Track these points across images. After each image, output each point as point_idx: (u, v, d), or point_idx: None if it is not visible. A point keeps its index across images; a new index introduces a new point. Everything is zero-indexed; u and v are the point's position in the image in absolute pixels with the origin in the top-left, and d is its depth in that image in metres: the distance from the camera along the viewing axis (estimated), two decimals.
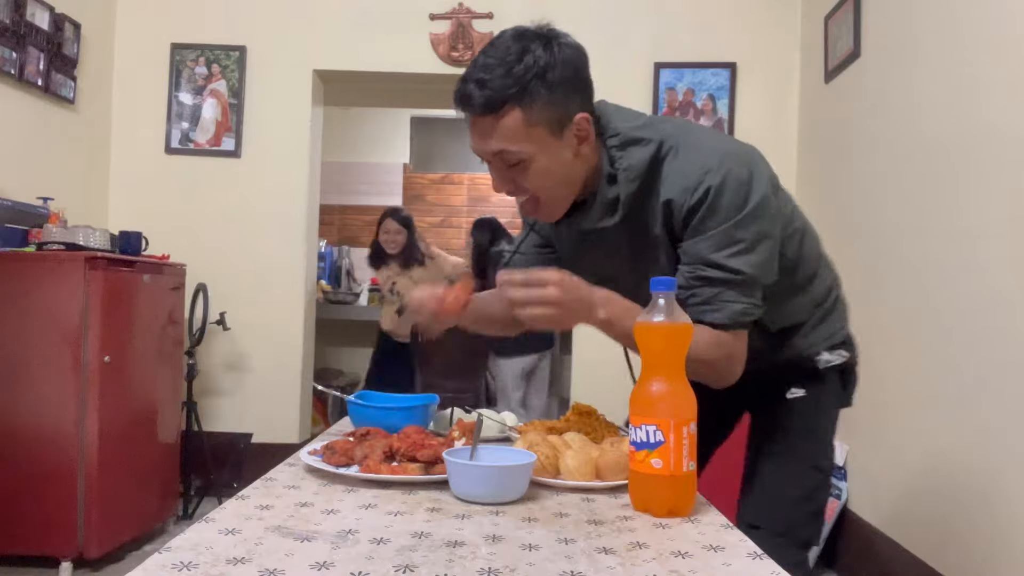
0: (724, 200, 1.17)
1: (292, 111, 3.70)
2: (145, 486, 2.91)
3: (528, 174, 1.21)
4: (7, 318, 2.57)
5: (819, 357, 1.37)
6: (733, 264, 1.18)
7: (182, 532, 0.85)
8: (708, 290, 1.19)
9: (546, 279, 1.12)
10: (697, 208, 1.18)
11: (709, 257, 1.18)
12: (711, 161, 1.19)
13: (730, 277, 1.18)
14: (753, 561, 0.83)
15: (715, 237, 1.18)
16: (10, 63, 2.89)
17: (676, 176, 1.21)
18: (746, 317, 1.20)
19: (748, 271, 1.18)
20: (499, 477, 1.03)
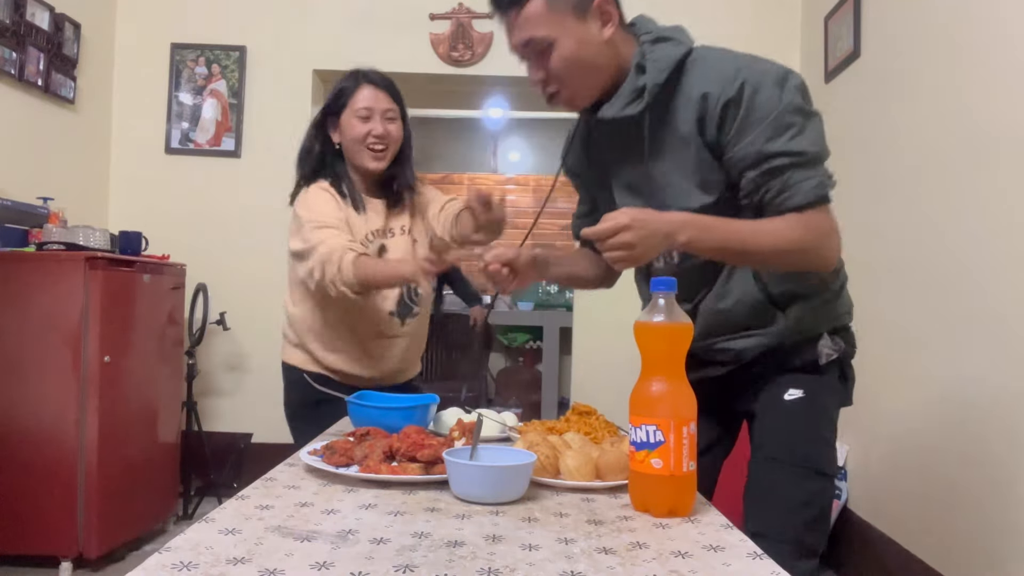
0: (763, 95, 1.22)
1: (292, 111, 3.70)
2: (145, 486, 2.91)
3: (554, 58, 1.28)
4: (7, 318, 2.57)
5: (821, 342, 1.36)
6: (793, 147, 1.21)
7: (182, 532, 0.85)
8: (778, 180, 1.23)
9: (618, 225, 1.17)
10: (737, 102, 1.22)
11: (768, 149, 1.22)
12: (742, 61, 1.25)
13: (795, 160, 1.21)
14: (753, 561, 0.83)
15: (765, 130, 1.22)
16: (10, 63, 2.89)
17: (709, 71, 1.25)
18: (823, 189, 1.24)
19: (810, 149, 1.22)
20: (499, 477, 1.03)
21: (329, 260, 1.68)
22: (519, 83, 3.89)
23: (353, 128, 1.81)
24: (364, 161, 1.82)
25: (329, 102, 1.86)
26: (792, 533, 1.29)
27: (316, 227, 1.74)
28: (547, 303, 4.85)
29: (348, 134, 1.83)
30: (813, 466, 1.32)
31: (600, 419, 1.42)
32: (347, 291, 1.68)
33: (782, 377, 1.38)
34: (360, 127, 1.81)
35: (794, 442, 1.34)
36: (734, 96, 1.22)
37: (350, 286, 1.67)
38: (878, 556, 2.56)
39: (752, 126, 1.22)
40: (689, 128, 1.27)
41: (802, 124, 1.23)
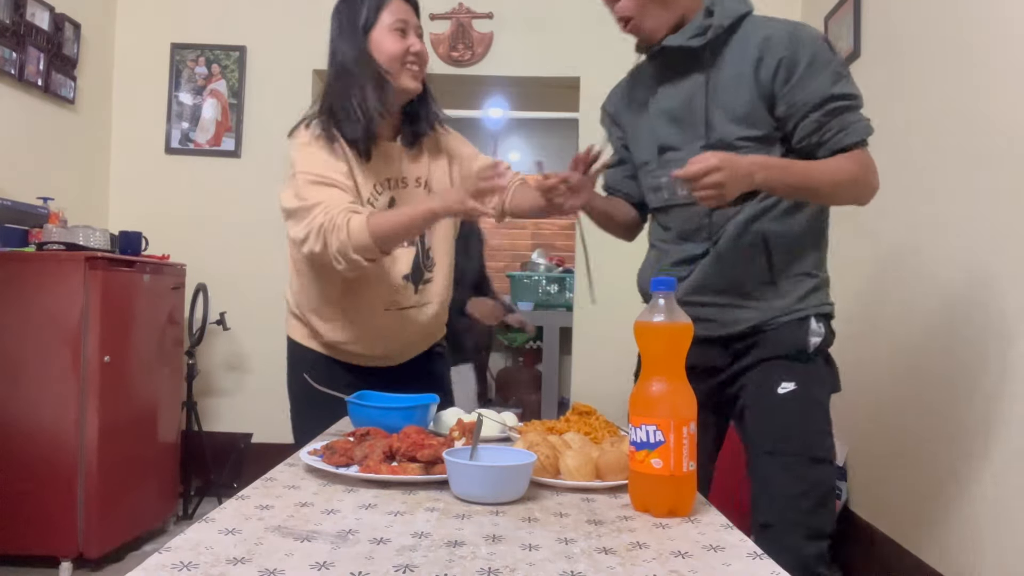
0: (820, 49, 1.42)
1: (292, 111, 3.67)
2: (145, 486, 2.91)
3: None
4: (7, 318, 2.57)
5: (811, 326, 1.46)
6: (850, 90, 1.41)
7: (182, 532, 0.85)
8: (838, 120, 1.40)
9: (709, 166, 1.29)
10: (794, 56, 1.40)
11: (831, 91, 1.40)
12: (793, 24, 1.46)
13: (851, 103, 1.41)
14: (753, 561, 0.83)
15: (829, 76, 1.40)
16: (10, 63, 2.89)
17: (768, 26, 1.44)
18: (870, 131, 1.43)
19: (858, 92, 1.43)
20: (499, 477, 1.03)
21: (332, 229, 1.45)
22: (519, 83, 3.89)
23: (391, 43, 1.57)
24: (403, 80, 1.58)
25: (362, 19, 1.58)
26: (797, 519, 1.37)
27: (312, 182, 1.52)
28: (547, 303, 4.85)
29: (384, 52, 1.57)
30: (810, 455, 1.40)
31: (600, 419, 1.42)
32: (360, 259, 1.46)
33: (772, 367, 1.45)
34: (398, 43, 1.57)
35: (790, 435, 1.41)
36: (792, 49, 1.40)
37: (365, 251, 1.45)
38: (878, 556, 2.56)
39: (816, 73, 1.40)
40: (745, 68, 1.44)
41: (849, 75, 1.44)
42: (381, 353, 1.73)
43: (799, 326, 1.45)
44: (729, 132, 1.45)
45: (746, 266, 1.47)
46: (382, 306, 1.66)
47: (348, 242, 1.45)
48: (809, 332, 1.45)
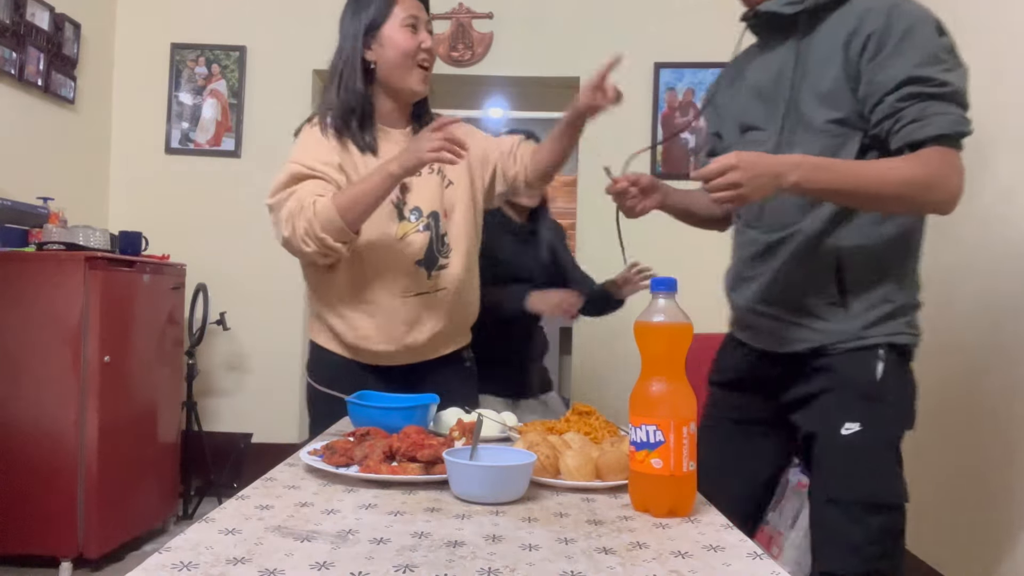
0: (920, 28, 1.23)
1: (292, 111, 3.69)
2: (145, 486, 2.91)
3: None
4: (7, 318, 2.57)
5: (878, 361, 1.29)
6: (941, 76, 1.20)
7: (182, 532, 0.85)
8: (916, 108, 1.21)
9: (726, 165, 1.19)
10: (888, 28, 1.23)
11: (914, 73, 1.21)
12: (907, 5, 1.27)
13: (937, 90, 1.20)
14: (753, 561, 0.83)
15: (915, 56, 1.21)
16: (10, 63, 2.89)
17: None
18: (958, 127, 1.21)
19: (956, 83, 1.20)
20: (499, 477, 1.02)
21: (299, 211, 1.46)
22: (519, 83, 3.89)
23: (403, 39, 1.55)
24: (411, 82, 1.59)
25: (369, 16, 1.58)
26: (864, 568, 1.27)
27: (293, 172, 1.53)
28: None
29: (397, 47, 1.56)
30: (875, 501, 1.28)
31: (600, 419, 1.42)
32: (328, 237, 1.44)
33: (836, 401, 1.32)
34: (411, 39, 1.55)
35: (853, 482, 1.29)
36: (886, 23, 1.24)
37: (331, 226, 1.44)
38: None
39: (905, 51, 1.22)
40: (837, 43, 1.28)
41: (953, 64, 1.23)
42: (405, 345, 1.65)
43: (867, 356, 1.30)
44: (813, 112, 1.31)
45: (812, 281, 1.34)
46: (399, 292, 1.62)
47: (314, 220, 1.45)
48: (875, 362, 1.30)
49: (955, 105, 1.22)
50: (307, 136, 1.60)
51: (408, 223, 1.62)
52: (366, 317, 1.63)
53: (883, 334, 1.31)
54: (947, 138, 1.21)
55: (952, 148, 1.22)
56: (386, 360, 1.68)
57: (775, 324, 1.40)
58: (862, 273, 1.31)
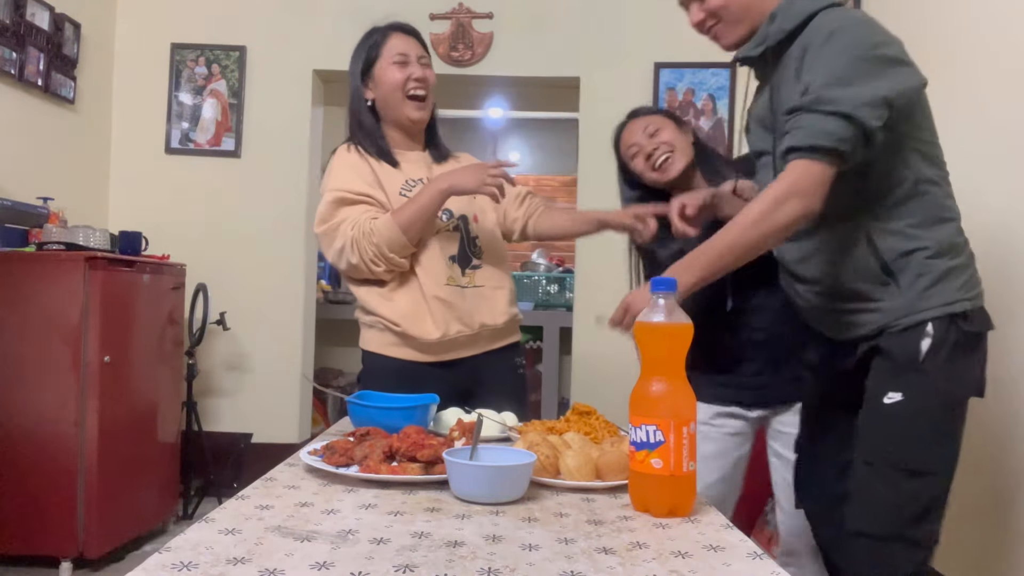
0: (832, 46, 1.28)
1: (292, 111, 3.70)
2: (145, 486, 2.91)
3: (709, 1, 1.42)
4: (7, 318, 2.57)
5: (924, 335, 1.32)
6: (826, 92, 1.24)
7: (182, 532, 0.85)
8: (792, 120, 1.28)
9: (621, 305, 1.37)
10: (814, 43, 1.30)
11: (810, 88, 1.27)
12: (847, 19, 1.31)
13: (812, 103, 1.25)
14: (753, 561, 0.83)
15: (821, 71, 1.27)
16: (10, 63, 2.89)
17: (828, 15, 1.33)
18: (821, 138, 1.23)
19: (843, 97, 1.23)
20: (499, 477, 1.03)
21: (362, 236, 1.61)
22: (519, 83, 3.90)
23: (391, 75, 1.69)
24: (406, 111, 1.71)
25: (364, 57, 1.74)
26: (892, 531, 1.32)
27: (335, 200, 1.66)
28: (547, 303, 4.84)
29: (386, 82, 1.70)
30: (910, 467, 1.32)
31: (600, 419, 1.42)
32: (396, 256, 1.61)
33: (883, 373, 1.36)
34: (398, 73, 1.69)
35: (890, 446, 1.33)
36: (809, 42, 1.30)
37: (396, 243, 1.59)
38: None
39: (812, 69, 1.29)
40: (791, 71, 1.35)
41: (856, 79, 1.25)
42: (456, 330, 1.69)
43: (916, 332, 1.33)
44: None
45: (859, 266, 1.38)
46: (443, 279, 1.70)
47: (381, 243, 1.60)
48: (922, 337, 1.32)
49: (833, 118, 1.24)
50: (341, 162, 1.73)
51: (439, 222, 1.72)
52: (416, 302, 1.69)
53: (936, 304, 1.33)
54: (799, 150, 1.26)
55: (807, 159, 1.26)
56: (443, 351, 1.71)
57: (836, 315, 1.45)
58: (899, 247, 1.34)
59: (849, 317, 1.42)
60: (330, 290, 5.00)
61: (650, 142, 1.75)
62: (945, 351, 1.32)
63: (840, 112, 1.23)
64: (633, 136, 1.77)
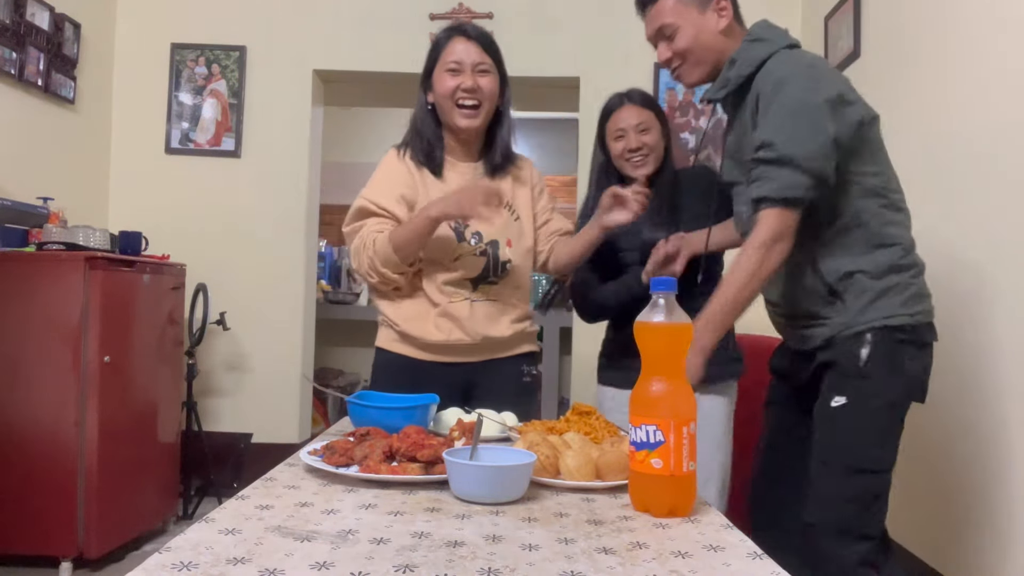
0: (783, 95, 1.43)
1: (292, 111, 3.70)
2: (145, 486, 2.91)
3: (677, 40, 1.57)
4: (7, 318, 2.57)
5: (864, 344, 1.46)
6: (782, 144, 1.40)
7: (182, 532, 0.85)
8: (757, 170, 1.44)
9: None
10: (766, 90, 1.45)
11: (765, 138, 1.43)
12: (794, 64, 1.47)
13: (774, 155, 1.41)
14: (753, 561, 0.83)
15: (774, 120, 1.43)
16: (10, 63, 2.89)
17: (776, 61, 1.48)
18: (783, 192, 1.41)
19: (795, 150, 1.39)
20: (499, 477, 1.03)
21: (362, 248, 1.69)
22: (519, 83, 3.87)
23: (443, 83, 1.72)
24: (455, 119, 1.73)
25: (426, 61, 1.78)
26: (839, 523, 1.46)
27: (360, 211, 1.74)
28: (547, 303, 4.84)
29: (439, 90, 1.73)
30: (856, 466, 1.46)
31: (600, 419, 1.42)
32: (388, 271, 1.67)
33: (830, 378, 1.51)
34: (449, 81, 1.71)
35: (837, 446, 1.48)
36: (764, 88, 1.46)
37: (390, 262, 1.65)
38: None
39: (766, 116, 1.44)
40: (748, 112, 1.50)
41: (805, 128, 1.41)
42: (457, 337, 1.74)
43: (855, 341, 1.48)
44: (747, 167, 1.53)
45: (806, 292, 1.54)
46: (453, 298, 1.75)
47: (375, 257, 1.67)
48: (862, 345, 1.47)
49: (793, 170, 1.40)
50: (385, 166, 1.79)
51: (466, 246, 1.75)
52: (424, 311, 1.76)
53: (876, 317, 1.48)
54: (774, 200, 1.42)
55: (781, 208, 1.42)
56: (436, 351, 1.76)
57: (790, 330, 1.65)
58: (841, 269, 1.50)
59: (805, 331, 1.58)
60: (330, 290, 5.01)
61: (637, 138, 1.92)
62: (884, 358, 1.46)
63: (802, 168, 1.40)
64: (625, 122, 1.94)
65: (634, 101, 1.97)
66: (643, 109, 1.96)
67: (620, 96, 2.00)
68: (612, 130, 1.97)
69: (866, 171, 1.51)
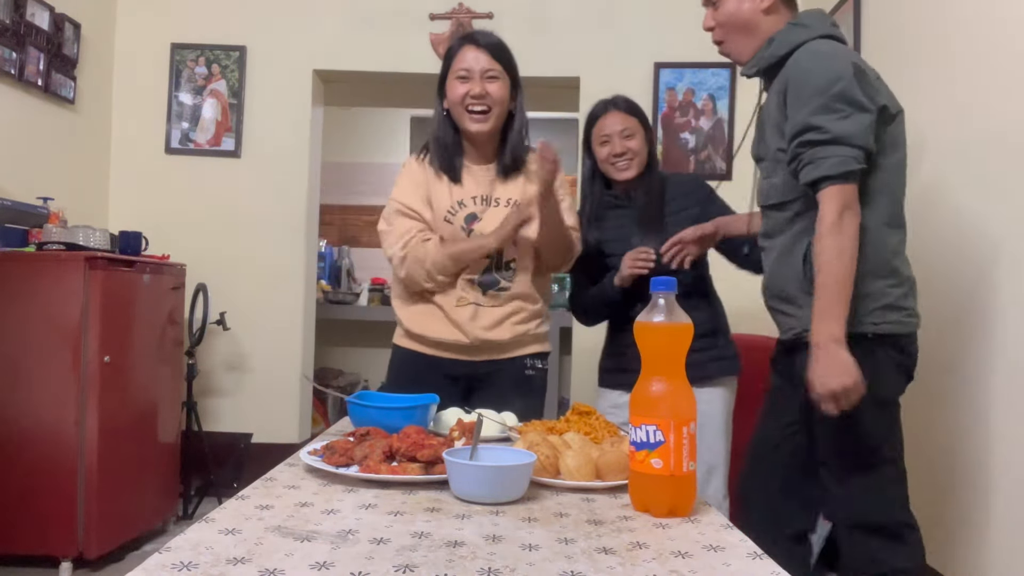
0: (815, 77, 1.48)
1: (292, 111, 3.70)
2: (145, 486, 2.91)
3: (720, 9, 1.65)
4: (7, 318, 2.57)
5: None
6: (829, 125, 1.44)
7: (182, 532, 0.85)
8: (808, 152, 1.47)
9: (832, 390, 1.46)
10: (797, 80, 1.50)
11: (809, 121, 1.46)
12: (827, 54, 1.51)
13: (824, 137, 1.45)
14: (753, 561, 0.83)
15: (814, 103, 1.46)
16: (10, 63, 2.89)
17: (805, 51, 1.53)
18: (842, 167, 1.44)
19: (843, 129, 1.44)
20: (499, 477, 1.03)
21: (412, 262, 1.78)
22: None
23: (454, 90, 1.80)
24: (465, 123, 1.81)
25: (441, 69, 1.87)
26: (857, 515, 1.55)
27: (395, 213, 1.83)
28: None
29: (450, 97, 1.82)
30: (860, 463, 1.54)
31: (600, 419, 1.42)
32: (442, 277, 1.78)
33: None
34: (459, 88, 1.79)
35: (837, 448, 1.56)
36: (796, 75, 1.51)
37: (446, 271, 1.77)
38: None
39: (805, 102, 1.47)
40: (777, 91, 1.55)
41: (847, 111, 1.45)
42: (468, 341, 1.82)
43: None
44: (771, 141, 1.60)
45: (792, 271, 1.57)
46: (455, 300, 1.82)
47: (433, 269, 1.77)
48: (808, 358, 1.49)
49: (843, 147, 1.45)
50: (406, 171, 1.88)
51: None
52: (431, 312, 1.85)
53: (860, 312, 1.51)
54: (833, 178, 1.45)
55: (841, 184, 1.45)
56: (437, 348, 1.85)
57: (775, 315, 1.68)
58: None
59: (779, 317, 1.66)
60: (330, 290, 5.01)
61: (621, 144, 2.00)
62: (859, 366, 1.44)
63: (852, 144, 1.45)
64: (610, 128, 2.01)
65: (619, 108, 2.04)
66: (627, 116, 2.03)
67: (605, 103, 2.06)
68: (597, 136, 2.04)
69: (884, 164, 1.53)
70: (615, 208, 2.10)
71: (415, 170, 1.87)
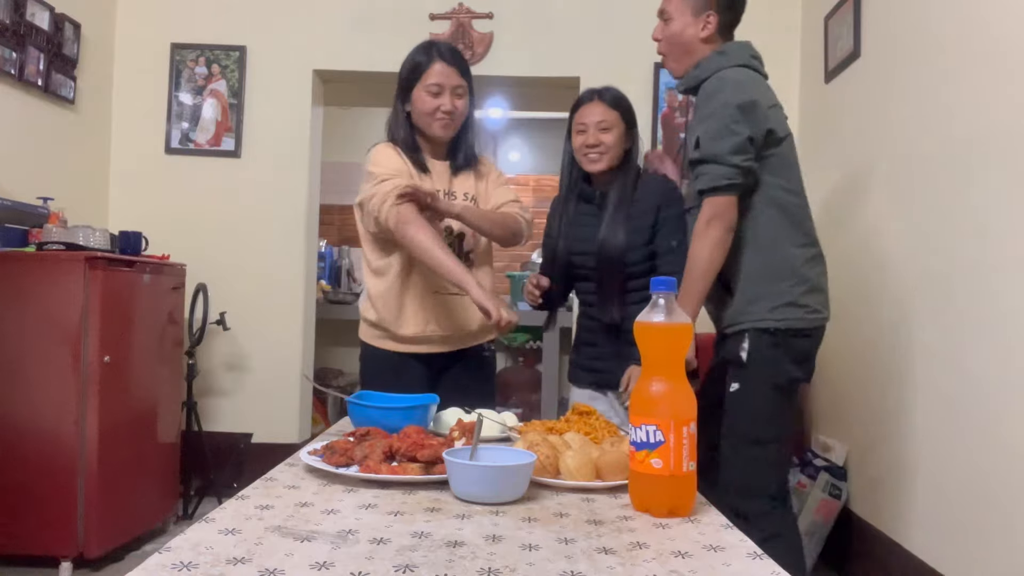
0: (714, 105, 1.77)
1: (292, 111, 3.70)
2: (145, 486, 2.91)
3: (668, 27, 1.93)
4: (7, 318, 2.57)
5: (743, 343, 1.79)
6: (709, 145, 1.75)
7: (182, 532, 0.85)
8: (696, 168, 1.79)
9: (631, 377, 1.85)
10: (700, 103, 1.82)
11: (698, 140, 1.78)
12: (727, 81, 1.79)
13: (701, 155, 1.77)
14: (753, 561, 0.83)
15: (706, 126, 1.77)
16: (10, 63, 2.89)
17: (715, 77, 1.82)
18: (713, 183, 1.75)
19: (718, 149, 1.74)
20: (499, 477, 1.03)
21: (380, 205, 1.80)
22: (519, 83, 3.89)
23: (424, 102, 1.89)
24: (434, 130, 1.91)
25: (404, 76, 1.93)
26: (740, 482, 1.80)
27: (383, 179, 1.85)
28: None
29: (419, 107, 1.90)
30: (752, 438, 1.81)
31: (600, 419, 1.42)
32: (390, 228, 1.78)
33: (727, 369, 1.84)
34: (430, 102, 1.88)
35: (734, 424, 1.83)
36: (701, 97, 1.82)
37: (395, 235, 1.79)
38: (878, 556, 2.56)
39: (701, 122, 1.80)
40: (695, 111, 1.84)
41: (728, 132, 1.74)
42: (440, 333, 1.94)
43: (738, 338, 1.81)
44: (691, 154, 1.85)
45: (731, 264, 1.81)
46: (431, 289, 1.93)
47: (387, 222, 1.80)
48: (742, 342, 1.80)
49: (715, 165, 1.75)
50: (382, 151, 1.94)
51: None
52: (403, 306, 1.93)
53: (748, 320, 1.81)
54: (704, 192, 1.77)
55: (711, 196, 1.76)
56: (425, 345, 1.95)
57: (710, 303, 1.92)
58: (734, 275, 1.83)
59: (712, 307, 1.92)
60: (330, 290, 5.01)
61: (595, 135, 1.98)
62: (762, 354, 1.78)
63: (724, 162, 1.74)
64: (589, 117, 2.00)
65: (604, 99, 2.00)
66: (609, 108, 1.98)
67: (592, 91, 2.04)
68: (577, 123, 2.03)
69: (771, 182, 1.80)
70: (585, 203, 2.07)
71: (393, 154, 1.92)
